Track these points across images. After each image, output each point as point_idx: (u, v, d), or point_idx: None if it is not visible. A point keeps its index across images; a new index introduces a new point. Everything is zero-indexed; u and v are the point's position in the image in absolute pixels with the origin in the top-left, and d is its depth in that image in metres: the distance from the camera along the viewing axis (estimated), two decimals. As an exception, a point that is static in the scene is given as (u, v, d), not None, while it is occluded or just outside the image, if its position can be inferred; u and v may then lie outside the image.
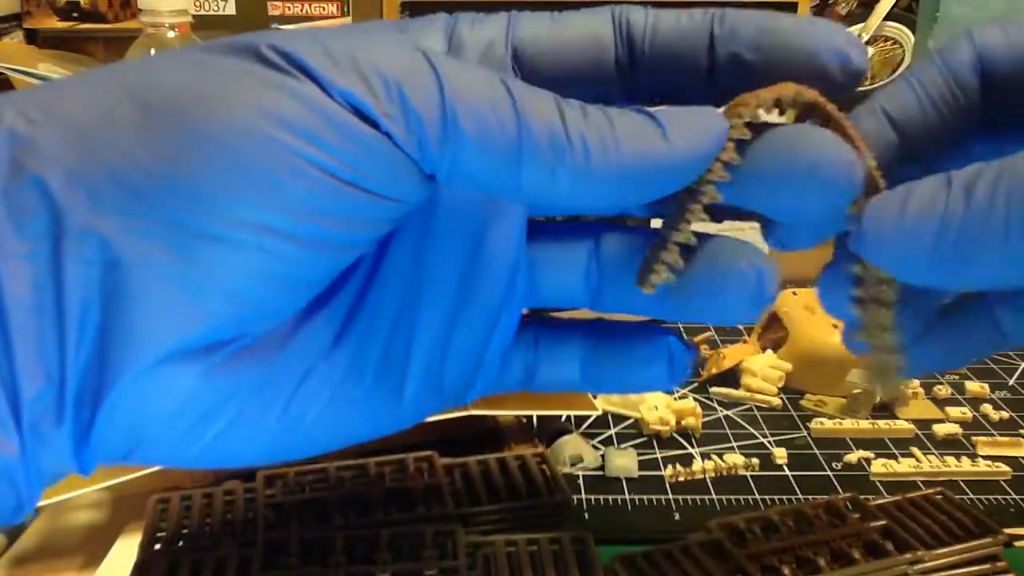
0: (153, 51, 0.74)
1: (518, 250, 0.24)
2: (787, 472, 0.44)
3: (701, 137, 0.20)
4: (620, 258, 0.24)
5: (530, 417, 0.47)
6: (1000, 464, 0.44)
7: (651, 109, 0.20)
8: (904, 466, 0.44)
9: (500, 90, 0.19)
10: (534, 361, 0.25)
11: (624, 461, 0.44)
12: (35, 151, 0.17)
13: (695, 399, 0.50)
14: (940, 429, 0.48)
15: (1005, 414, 0.51)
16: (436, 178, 0.20)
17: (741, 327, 0.62)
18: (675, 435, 0.47)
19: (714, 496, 0.42)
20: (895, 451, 0.47)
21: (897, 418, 0.50)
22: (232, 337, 0.20)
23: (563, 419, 0.47)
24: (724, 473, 0.44)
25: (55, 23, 1.43)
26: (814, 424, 0.48)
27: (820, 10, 2.01)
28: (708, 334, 0.57)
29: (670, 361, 0.25)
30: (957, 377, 0.55)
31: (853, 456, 0.46)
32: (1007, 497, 0.42)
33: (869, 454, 0.46)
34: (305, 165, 0.18)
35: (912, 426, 0.49)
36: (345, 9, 1.24)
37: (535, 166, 0.19)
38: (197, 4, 1.22)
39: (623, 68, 0.23)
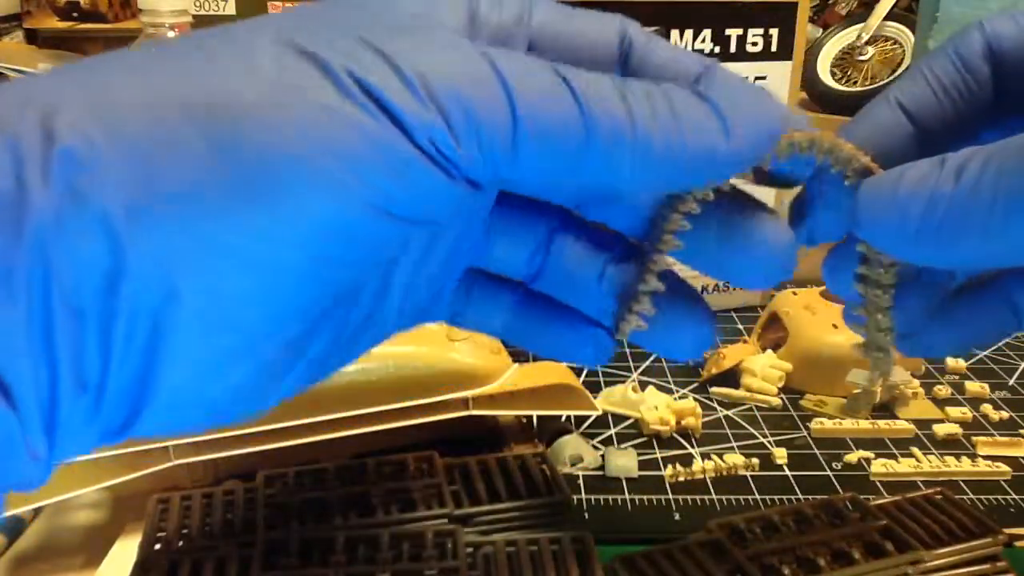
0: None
1: (486, 221, 0.25)
2: (787, 472, 0.44)
3: (759, 137, 0.21)
4: (564, 258, 0.25)
5: (530, 417, 0.47)
6: (1000, 464, 0.44)
7: (710, 87, 0.21)
8: (904, 466, 0.44)
9: (562, 88, 0.19)
10: (464, 306, 0.26)
11: (624, 461, 0.44)
12: (98, 181, 0.17)
13: (695, 399, 0.50)
14: (940, 429, 0.48)
15: (1005, 414, 0.51)
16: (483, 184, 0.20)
17: (741, 327, 0.62)
18: (675, 435, 0.47)
19: (714, 496, 0.42)
20: (895, 451, 0.47)
21: (897, 418, 0.50)
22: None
23: (563, 419, 0.47)
24: (724, 473, 0.44)
25: (55, 23, 1.43)
26: (814, 424, 0.48)
27: (820, 10, 2.01)
28: (708, 334, 0.57)
29: (595, 347, 0.26)
30: (957, 377, 0.55)
31: (853, 456, 0.46)
32: (1007, 497, 0.42)
33: (869, 454, 0.46)
34: (369, 208, 0.18)
35: (912, 426, 0.49)
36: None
37: (597, 162, 0.20)
38: (197, 4, 1.22)
39: (619, 70, 0.24)
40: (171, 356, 0.18)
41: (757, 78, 0.60)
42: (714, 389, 0.52)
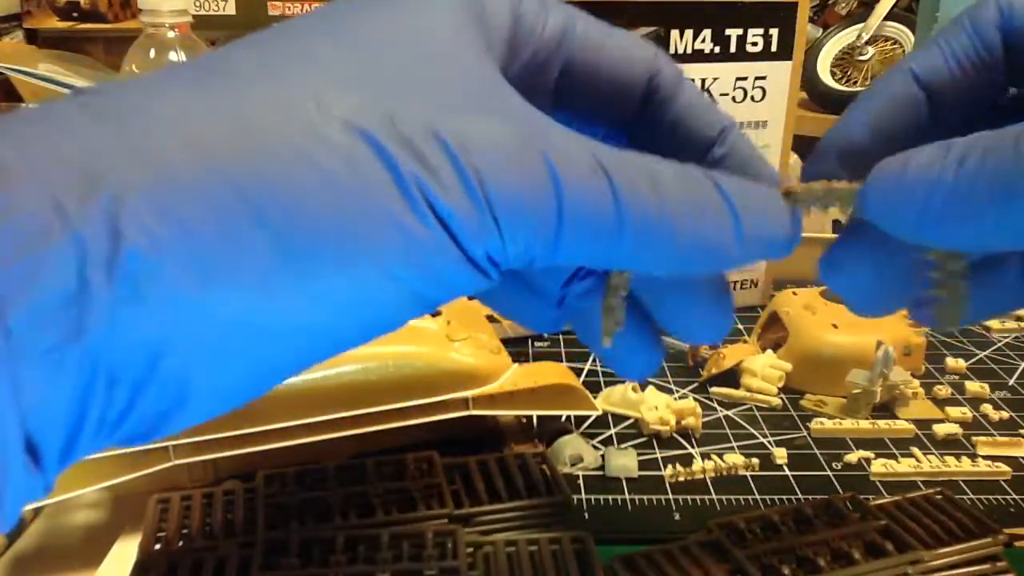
0: (153, 51, 0.74)
1: None
2: (787, 472, 0.44)
3: (765, 250, 0.22)
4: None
5: (530, 417, 0.47)
6: (1000, 464, 0.44)
7: (726, 183, 0.22)
8: (904, 466, 0.44)
9: (601, 179, 0.20)
10: None
11: (624, 461, 0.44)
12: (158, 280, 0.17)
13: (695, 399, 0.50)
14: (940, 429, 0.48)
15: (1005, 414, 0.51)
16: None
17: (741, 327, 0.62)
18: (675, 435, 0.47)
19: (714, 496, 0.42)
20: (895, 451, 0.47)
21: (897, 418, 0.50)
22: None
23: (563, 419, 0.47)
24: (724, 473, 0.44)
25: (55, 23, 1.43)
26: (814, 424, 0.48)
27: (820, 10, 2.00)
28: (708, 334, 0.57)
29: (553, 324, 0.28)
30: (957, 377, 0.55)
31: (853, 456, 0.46)
32: (1007, 497, 0.42)
33: (869, 454, 0.46)
34: (406, 299, 0.19)
35: (912, 426, 0.49)
36: (345, 9, 1.24)
37: (625, 251, 0.20)
38: (197, 4, 1.22)
39: (643, 102, 0.25)
40: (190, 407, 0.18)
41: (757, 78, 0.60)
42: (714, 389, 0.52)
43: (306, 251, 0.18)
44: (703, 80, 0.59)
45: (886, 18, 1.85)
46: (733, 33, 0.58)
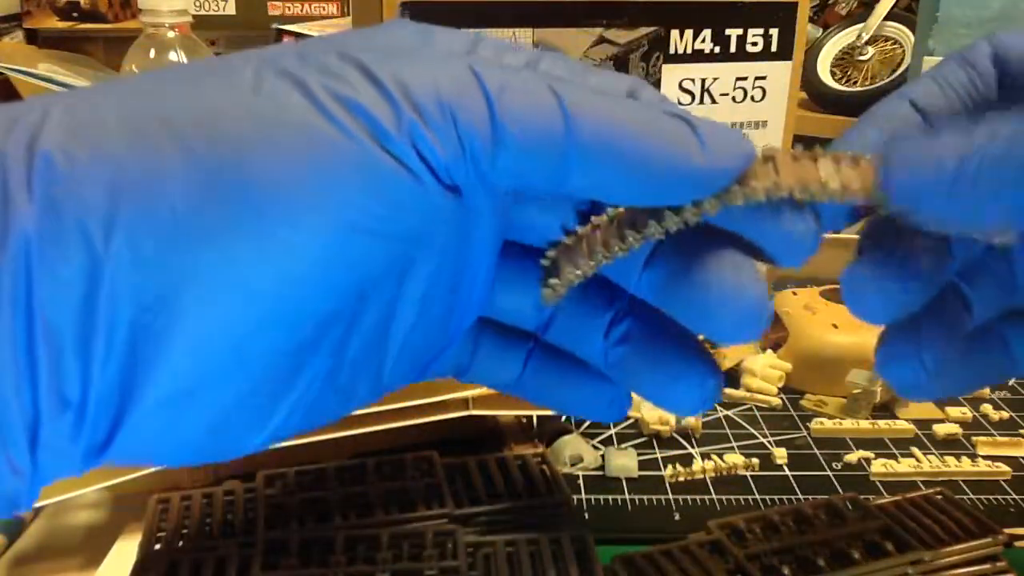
0: (153, 51, 0.74)
1: (491, 260, 0.24)
2: (787, 472, 0.44)
3: (734, 157, 0.21)
4: (573, 305, 0.25)
5: (530, 417, 0.47)
6: (1000, 464, 0.44)
7: (690, 115, 0.21)
8: (904, 466, 0.44)
9: (545, 91, 0.19)
10: (470, 359, 0.26)
11: (624, 461, 0.44)
12: (75, 192, 0.17)
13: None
14: (940, 429, 0.48)
15: (1005, 414, 0.51)
16: (463, 190, 0.20)
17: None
18: (675, 435, 0.47)
19: (714, 496, 0.42)
20: (895, 451, 0.47)
21: (897, 418, 0.50)
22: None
23: (563, 419, 0.47)
24: (724, 473, 0.44)
25: (55, 23, 1.43)
26: (814, 424, 0.48)
27: (820, 10, 2.00)
28: (708, 334, 0.57)
29: (609, 403, 0.26)
30: (957, 377, 0.55)
31: (853, 456, 0.46)
32: (1007, 497, 0.42)
33: (869, 454, 0.46)
34: (351, 229, 0.18)
35: (912, 426, 0.49)
36: (345, 9, 1.24)
37: (579, 168, 0.19)
38: (197, 4, 1.22)
39: None
40: (151, 372, 0.18)
41: (757, 78, 0.60)
42: (714, 389, 0.52)
43: (226, 170, 0.17)
44: (703, 80, 0.59)
45: (886, 18, 1.84)
46: (733, 33, 0.58)
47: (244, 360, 0.18)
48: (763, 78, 0.60)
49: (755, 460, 0.44)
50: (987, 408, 0.51)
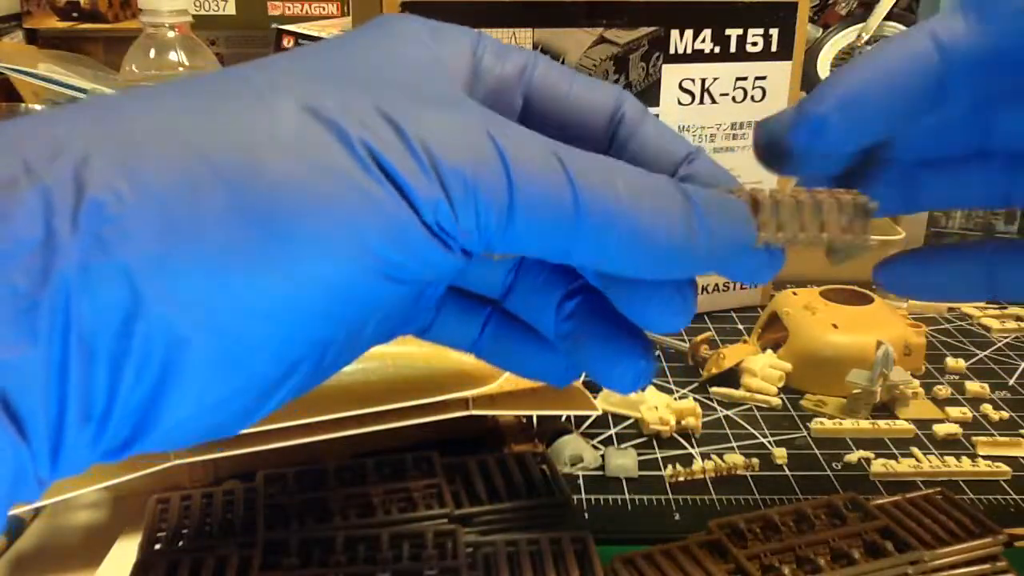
0: (153, 51, 0.74)
1: None
2: (787, 472, 0.44)
3: (729, 246, 0.22)
4: (532, 277, 0.27)
5: (530, 417, 0.47)
6: (1000, 464, 0.44)
7: (687, 185, 0.22)
8: (904, 466, 0.44)
9: (557, 167, 0.20)
10: (433, 322, 0.28)
11: (624, 461, 0.44)
12: (123, 232, 0.17)
13: (695, 399, 0.50)
14: (940, 429, 0.48)
15: (1005, 414, 0.51)
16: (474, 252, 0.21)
17: (741, 327, 0.62)
18: (675, 435, 0.47)
19: (714, 496, 0.42)
20: (895, 451, 0.47)
21: (897, 418, 0.50)
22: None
23: (563, 419, 0.47)
24: (724, 473, 0.44)
25: (55, 23, 1.43)
26: (814, 424, 0.48)
27: (820, 10, 2.01)
28: (708, 334, 0.57)
29: (563, 373, 0.28)
30: (957, 377, 0.55)
31: (853, 456, 0.46)
32: (1007, 497, 0.42)
33: (869, 454, 0.46)
34: (371, 273, 0.19)
35: (912, 426, 0.49)
36: (345, 9, 1.24)
37: (585, 241, 0.21)
38: (197, 4, 1.22)
39: (607, 141, 0.25)
40: (176, 394, 0.19)
41: (757, 78, 0.60)
42: (714, 389, 0.52)
43: (266, 212, 0.18)
44: (703, 80, 0.59)
45: (886, 18, 1.85)
46: (733, 33, 0.58)
47: (252, 377, 0.20)
48: (763, 78, 0.60)
49: (755, 460, 0.44)
50: (987, 408, 0.51)
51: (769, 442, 0.47)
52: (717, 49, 0.58)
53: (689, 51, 0.58)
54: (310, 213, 0.19)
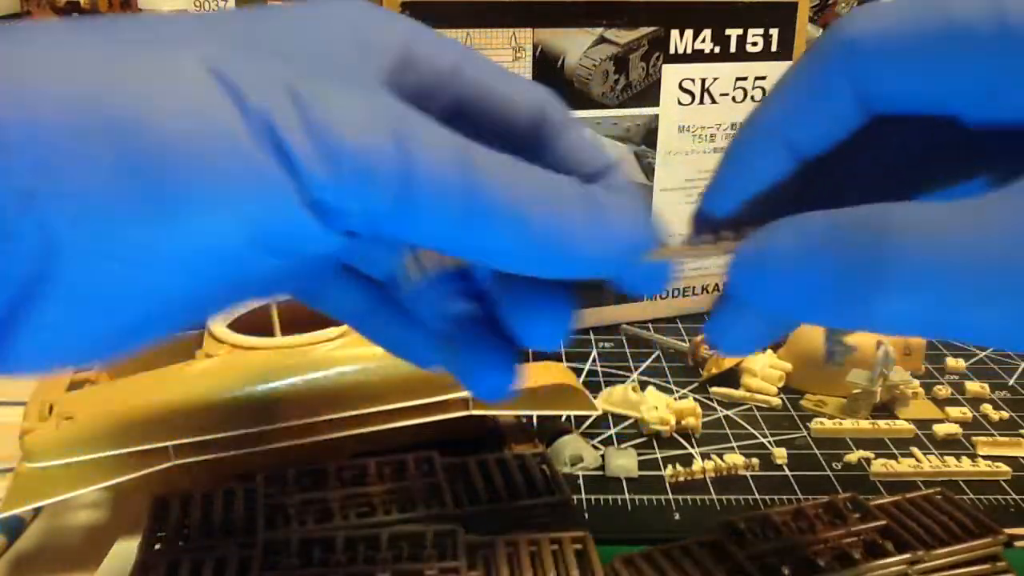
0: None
1: None
2: (787, 472, 0.44)
3: (629, 251, 0.22)
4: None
5: (530, 417, 0.47)
6: (1000, 464, 0.44)
7: (593, 190, 0.22)
8: (904, 466, 0.44)
9: (458, 163, 0.20)
10: (318, 290, 0.28)
11: (624, 461, 0.44)
12: (5, 157, 0.17)
13: (695, 399, 0.50)
14: (940, 429, 0.48)
15: (1005, 414, 0.51)
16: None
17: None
18: (675, 435, 0.47)
19: (714, 496, 0.42)
20: (895, 451, 0.47)
21: (897, 418, 0.50)
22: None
23: (563, 419, 0.47)
24: (724, 473, 0.44)
25: (55, 23, 1.43)
26: (814, 424, 0.48)
27: (820, 10, 2.01)
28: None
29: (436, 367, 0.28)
30: (957, 377, 0.55)
31: (853, 456, 0.46)
32: (1007, 497, 0.42)
33: (869, 454, 0.46)
34: (251, 243, 0.19)
35: (912, 426, 0.49)
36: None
37: (478, 238, 0.20)
38: (197, 4, 1.22)
39: (527, 143, 0.25)
40: (35, 318, 0.19)
41: (757, 78, 0.60)
42: (714, 389, 0.52)
43: (151, 168, 0.18)
44: (703, 80, 0.59)
45: (886, 18, 1.84)
46: (733, 33, 0.58)
47: (115, 318, 0.20)
48: (763, 78, 0.60)
49: (755, 460, 0.44)
50: (987, 408, 0.51)
51: (769, 442, 0.47)
52: (717, 49, 0.58)
53: (689, 51, 0.58)
54: (196, 175, 0.18)
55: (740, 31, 0.58)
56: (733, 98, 0.60)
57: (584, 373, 0.54)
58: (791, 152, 0.24)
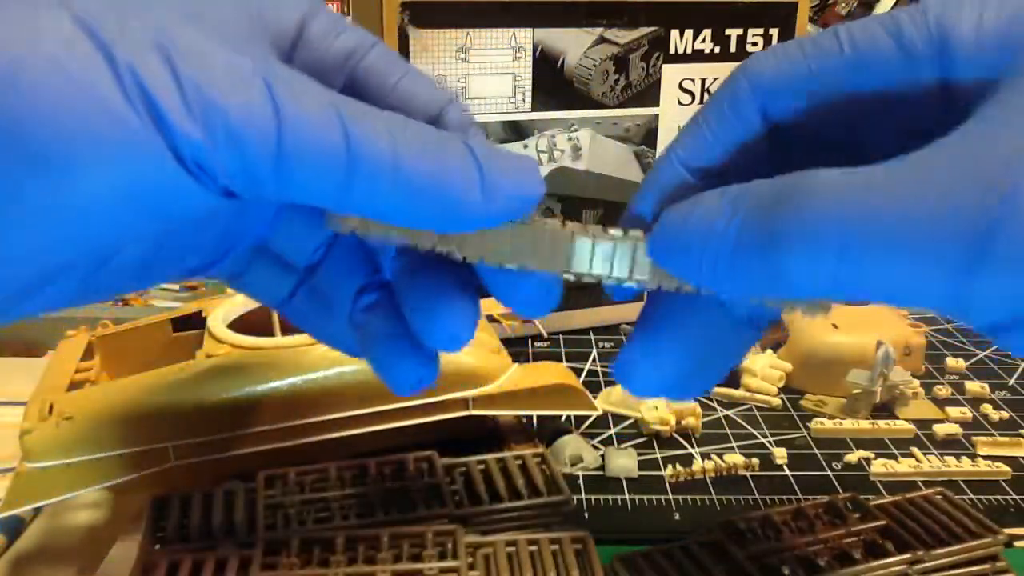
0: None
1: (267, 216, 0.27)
2: (787, 472, 0.44)
3: (508, 206, 0.21)
4: (338, 263, 0.27)
5: (530, 417, 0.47)
6: (1000, 464, 0.44)
7: (479, 147, 0.21)
8: (904, 466, 0.44)
9: (333, 117, 0.20)
10: (243, 273, 0.28)
11: (624, 461, 0.44)
12: None
13: (695, 399, 0.50)
14: (940, 429, 0.48)
15: (1005, 414, 0.51)
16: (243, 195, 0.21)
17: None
18: (675, 435, 0.47)
19: (714, 496, 0.42)
20: (895, 451, 0.47)
21: (897, 418, 0.50)
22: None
23: (563, 419, 0.47)
24: (724, 473, 0.44)
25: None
26: (814, 424, 0.48)
27: (820, 10, 2.01)
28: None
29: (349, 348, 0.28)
30: (957, 377, 0.55)
31: (853, 456, 0.46)
32: (1007, 497, 0.42)
33: (869, 454, 0.46)
34: (126, 200, 0.19)
35: (912, 426, 0.49)
36: (345, 9, 1.25)
37: (360, 191, 0.20)
38: (197, 4, 1.21)
39: None
40: None
41: (757, 78, 0.60)
42: (714, 389, 0.52)
43: (19, 123, 0.18)
44: (703, 80, 0.59)
45: (886, 18, 1.84)
46: (733, 33, 0.58)
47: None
48: (763, 78, 0.60)
49: (755, 460, 0.44)
50: (987, 408, 0.51)
51: (769, 442, 0.47)
52: (717, 49, 0.58)
53: (689, 51, 0.58)
54: (65, 133, 0.18)
55: (740, 31, 0.58)
56: (733, 98, 0.60)
57: (584, 373, 0.54)
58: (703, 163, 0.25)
